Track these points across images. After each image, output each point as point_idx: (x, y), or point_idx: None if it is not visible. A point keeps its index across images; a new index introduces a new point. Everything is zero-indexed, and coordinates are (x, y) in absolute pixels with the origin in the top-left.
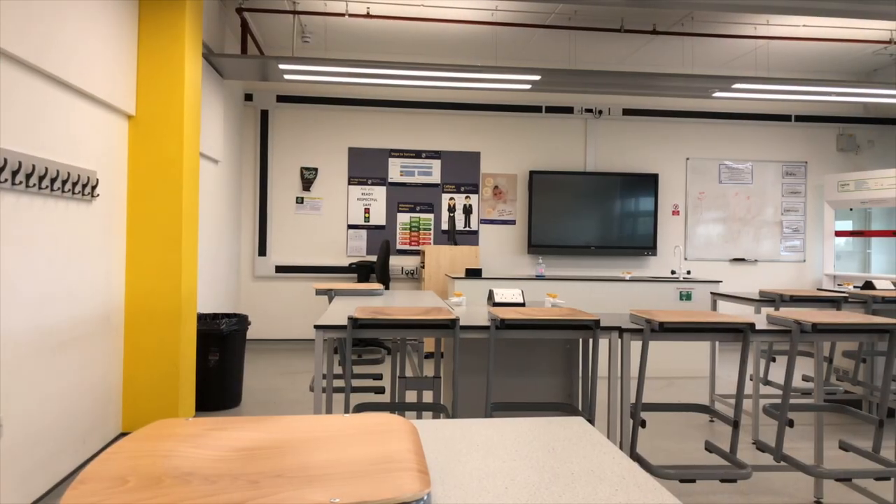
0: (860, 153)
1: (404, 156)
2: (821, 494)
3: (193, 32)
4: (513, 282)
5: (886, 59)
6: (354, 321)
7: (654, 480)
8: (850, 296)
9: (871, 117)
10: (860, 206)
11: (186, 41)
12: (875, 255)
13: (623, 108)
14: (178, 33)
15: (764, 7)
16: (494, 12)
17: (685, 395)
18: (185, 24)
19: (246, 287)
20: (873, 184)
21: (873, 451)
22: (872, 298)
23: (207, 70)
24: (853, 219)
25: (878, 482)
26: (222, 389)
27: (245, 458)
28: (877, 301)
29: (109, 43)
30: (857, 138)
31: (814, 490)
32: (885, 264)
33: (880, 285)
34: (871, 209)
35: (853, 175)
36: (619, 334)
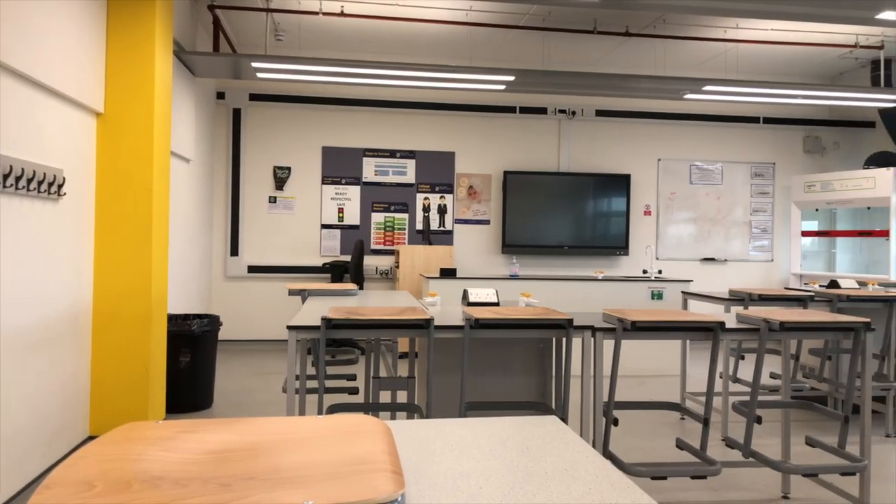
0: (826, 155)
1: (379, 155)
2: (788, 490)
3: (164, 29)
4: (487, 281)
5: (851, 63)
6: (328, 321)
7: (627, 479)
8: (816, 294)
9: (837, 120)
10: (825, 207)
11: (157, 38)
12: (840, 255)
13: (596, 109)
14: (148, 30)
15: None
16: (469, 13)
17: (657, 394)
18: (156, 20)
19: (218, 287)
20: (838, 185)
21: (839, 447)
22: (837, 297)
23: (178, 68)
24: (819, 219)
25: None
26: (193, 391)
27: (217, 461)
28: (842, 300)
29: (77, 39)
30: (822, 140)
31: (781, 485)
32: (850, 264)
33: (845, 284)
34: (836, 210)
35: (819, 176)
36: (591, 333)
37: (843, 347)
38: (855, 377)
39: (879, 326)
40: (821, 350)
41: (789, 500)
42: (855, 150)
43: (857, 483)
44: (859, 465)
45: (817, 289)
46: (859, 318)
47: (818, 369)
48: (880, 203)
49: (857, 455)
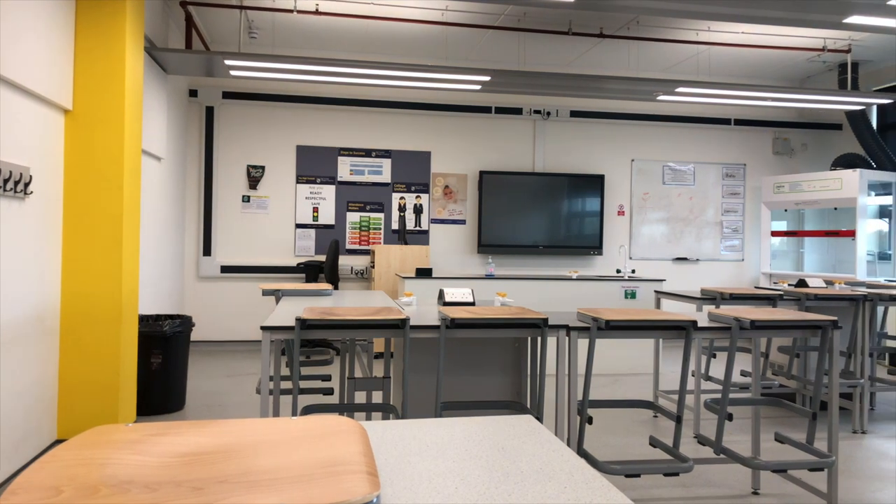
0: (794, 156)
1: (354, 154)
2: (758, 485)
3: (135, 26)
4: (463, 281)
5: (819, 66)
6: (302, 322)
7: (602, 477)
8: (786, 293)
9: (805, 122)
10: (794, 208)
11: (127, 34)
12: (808, 255)
13: (571, 109)
14: (119, 26)
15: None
16: (444, 12)
17: (630, 392)
18: (126, 16)
19: (190, 287)
20: (806, 185)
21: (807, 443)
22: (805, 296)
23: (150, 64)
24: (788, 219)
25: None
26: (165, 393)
27: (188, 464)
28: (810, 298)
29: (44, 34)
30: (791, 142)
31: (751, 481)
32: (817, 263)
33: (813, 283)
34: (804, 210)
35: (788, 177)
36: (566, 332)
37: (811, 345)
38: (823, 374)
39: (846, 324)
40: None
41: (759, 495)
42: (823, 151)
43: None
44: (827, 461)
45: (786, 288)
46: (827, 317)
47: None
48: (847, 204)
49: (825, 451)
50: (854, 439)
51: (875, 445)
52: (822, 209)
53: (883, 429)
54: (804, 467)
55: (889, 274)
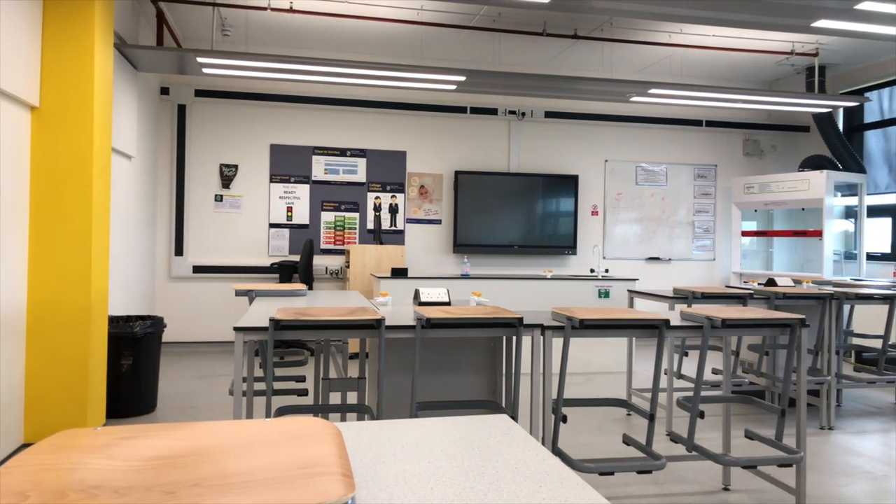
0: (764, 157)
1: (328, 154)
2: (728, 482)
3: (104, 21)
4: (438, 281)
5: (788, 70)
6: (276, 323)
7: (576, 475)
8: (755, 292)
9: (774, 124)
10: (764, 208)
11: (96, 30)
12: (777, 254)
13: (545, 110)
14: (88, 21)
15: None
16: (420, 12)
17: (604, 390)
18: (95, 11)
19: (162, 288)
20: (775, 186)
21: (776, 439)
22: (775, 295)
23: (120, 62)
24: (757, 219)
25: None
26: (136, 395)
27: (159, 468)
28: (778, 297)
29: (9, 28)
30: (761, 143)
31: (722, 478)
32: (786, 262)
33: (781, 282)
34: (773, 210)
35: (758, 178)
36: (541, 332)
37: (779, 343)
38: (791, 372)
39: (813, 323)
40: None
41: (730, 491)
42: (791, 153)
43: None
44: (795, 457)
45: (756, 287)
46: (795, 315)
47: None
48: (814, 204)
49: (794, 447)
50: (821, 435)
51: (842, 441)
52: (791, 209)
53: (849, 425)
54: (773, 463)
55: (854, 273)
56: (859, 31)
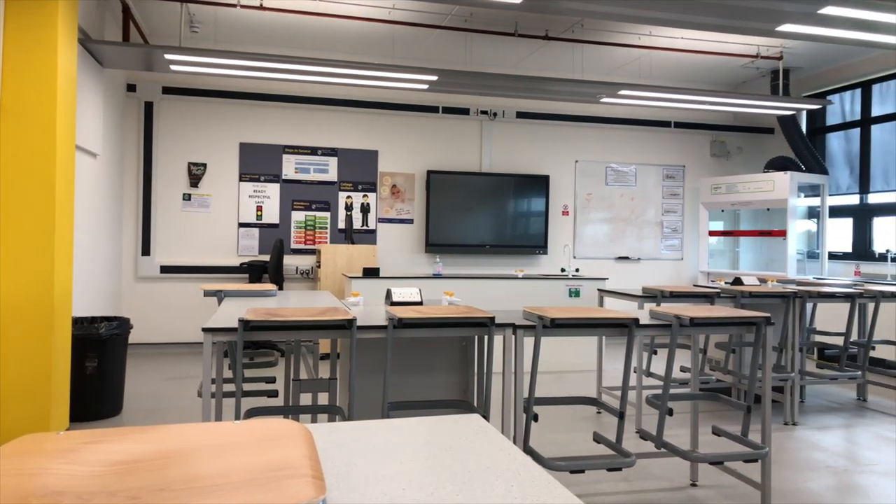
0: (730, 159)
1: (299, 152)
2: (696, 478)
3: (68, 15)
4: (411, 280)
5: (753, 73)
6: (245, 323)
7: (548, 474)
8: (722, 291)
9: (740, 126)
10: (730, 208)
11: (59, 24)
12: (743, 254)
13: (517, 110)
14: (50, 16)
15: (646, 18)
16: (392, 11)
17: (574, 389)
18: (59, 5)
19: (128, 288)
20: (742, 187)
21: (742, 435)
22: (741, 293)
23: (84, 57)
24: (724, 219)
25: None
26: (101, 398)
27: (124, 473)
28: (745, 296)
29: None
30: (727, 145)
31: (690, 474)
32: (752, 262)
33: (747, 281)
34: (739, 210)
35: (724, 179)
36: (513, 331)
37: (745, 341)
38: (757, 369)
39: (778, 321)
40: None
41: (697, 487)
42: (756, 154)
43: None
44: (760, 453)
45: (723, 286)
46: (761, 314)
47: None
48: (779, 205)
49: (759, 443)
50: (785, 431)
51: (805, 436)
52: (756, 210)
53: (812, 420)
54: (739, 459)
55: (817, 272)
56: (822, 36)
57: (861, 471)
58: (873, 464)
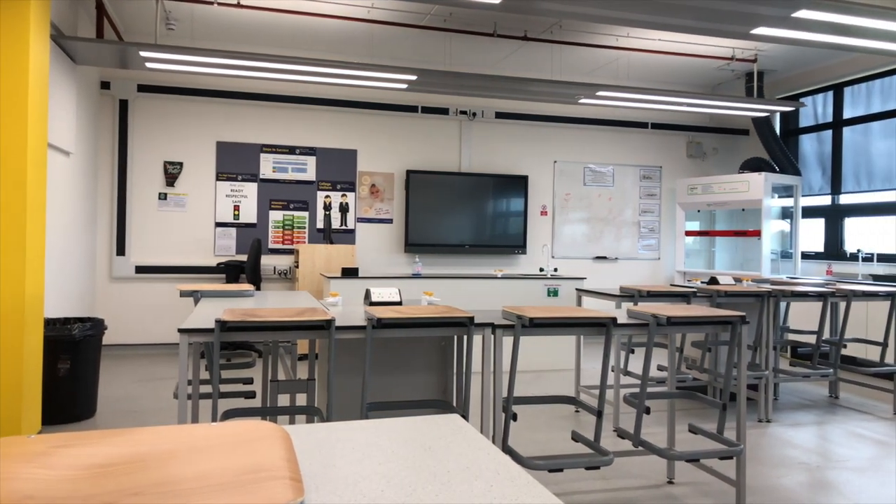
0: (706, 159)
1: (277, 151)
2: (673, 475)
3: (40, 11)
4: (390, 280)
5: (728, 75)
6: (222, 324)
7: (527, 474)
8: (699, 291)
9: (716, 127)
10: (706, 208)
11: (31, 20)
12: (718, 253)
13: (496, 111)
14: (22, 11)
15: (623, 20)
16: (371, 10)
17: (553, 388)
18: (31, 2)
19: (102, 289)
20: (717, 188)
21: (718, 433)
22: (717, 293)
23: (57, 54)
24: (700, 220)
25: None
26: (74, 400)
27: (98, 477)
28: (720, 295)
29: None
30: (703, 146)
31: (667, 471)
32: (727, 261)
33: (723, 281)
34: (715, 211)
35: (700, 180)
36: (492, 331)
37: (721, 340)
38: (732, 367)
39: (752, 319)
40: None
41: (674, 484)
42: (732, 155)
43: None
44: (735, 450)
45: (699, 285)
46: (736, 313)
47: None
48: (753, 205)
49: (734, 440)
50: (760, 428)
51: (779, 433)
52: (732, 210)
53: (785, 417)
54: (715, 456)
55: (790, 271)
56: (796, 39)
57: (833, 467)
58: (845, 460)
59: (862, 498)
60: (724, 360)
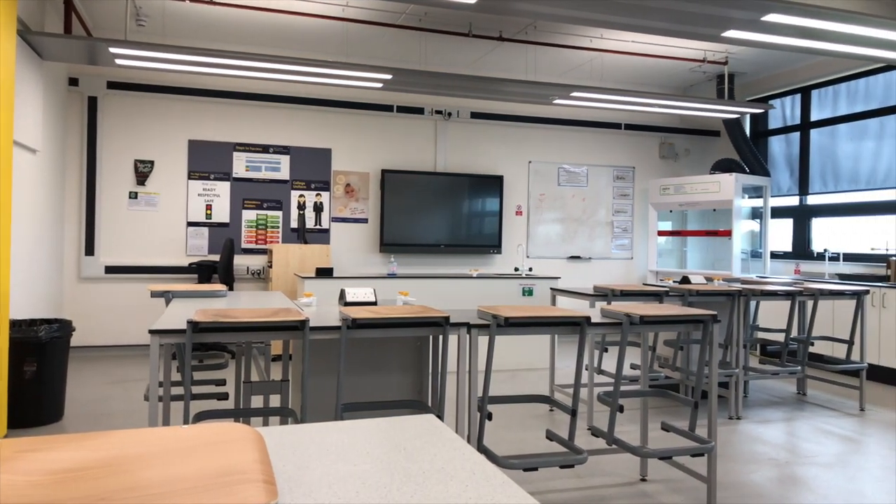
0: (678, 160)
1: (250, 150)
2: (646, 472)
3: (6, 5)
4: (365, 280)
5: (700, 77)
6: (194, 325)
7: (502, 473)
8: (671, 290)
9: (688, 128)
10: (678, 209)
11: None
12: (690, 253)
13: (471, 111)
14: None
15: (597, 21)
16: (345, 8)
17: (527, 387)
18: None
19: (70, 290)
20: (689, 188)
21: (690, 430)
22: (689, 292)
23: (23, 49)
24: (672, 220)
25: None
26: (40, 403)
27: (66, 482)
28: (692, 294)
29: None
30: (676, 147)
31: (640, 469)
32: (699, 261)
33: (695, 280)
34: (687, 211)
35: (672, 180)
36: (467, 330)
37: (693, 338)
38: (704, 365)
39: (723, 318)
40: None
41: (647, 482)
42: (703, 156)
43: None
44: (707, 447)
45: (671, 285)
46: (708, 312)
47: (672, 359)
48: (724, 205)
49: (706, 437)
50: (730, 425)
51: (749, 430)
52: (703, 210)
53: (755, 414)
54: (687, 453)
55: (760, 270)
56: (765, 42)
57: (801, 462)
58: (813, 455)
59: (830, 493)
60: (695, 359)
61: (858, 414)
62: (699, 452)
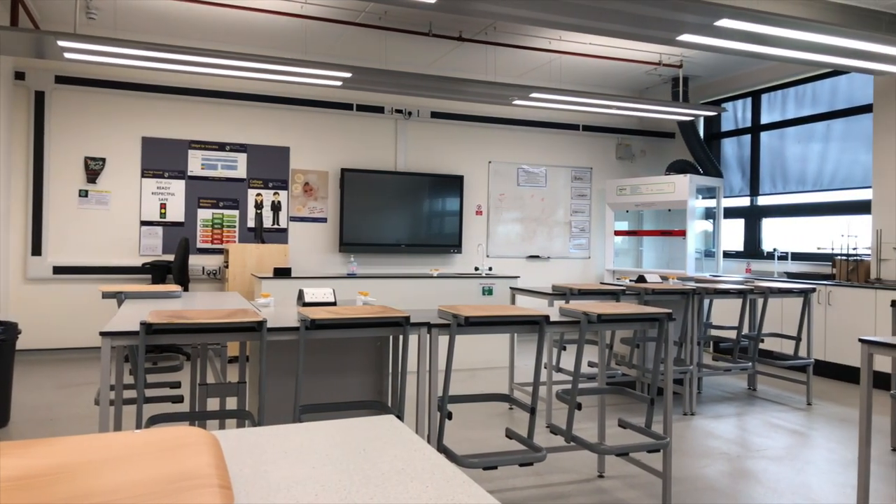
0: (635, 161)
1: (206, 148)
2: (603, 469)
3: None
4: (324, 281)
5: (656, 79)
6: (148, 326)
7: (461, 473)
8: (627, 289)
9: (644, 130)
10: (634, 209)
11: None
12: (646, 252)
13: (431, 110)
14: None
15: (555, 23)
16: (304, 5)
17: (487, 386)
18: None
19: (16, 291)
20: (645, 189)
21: (646, 427)
22: (644, 291)
23: None
24: (628, 220)
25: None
26: None
27: (13, 491)
28: (648, 293)
29: None
30: (632, 148)
31: (597, 465)
32: (654, 260)
33: (650, 279)
34: (642, 211)
35: (629, 181)
36: (428, 330)
37: (649, 336)
38: (659, 363)
39: (678, 316)
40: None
41: (604, 478)
42: (659, 157)
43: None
44: (662, 443)
45: (628, 284)
46: (663, 310)
47: (628, 357)
48: (679, 206)
49: (661, 433)
50: (684, 420)
51: (702, 425)
52: (658, 210)
53: (708, 410)
54: (643, 450)
55: (713, 269)
56: (718, 47)
57: (752, 456)
58: (763, 449)
59: (780, 485)
60: (651, 356)
61: (806, 408)
62: (655, 448)
